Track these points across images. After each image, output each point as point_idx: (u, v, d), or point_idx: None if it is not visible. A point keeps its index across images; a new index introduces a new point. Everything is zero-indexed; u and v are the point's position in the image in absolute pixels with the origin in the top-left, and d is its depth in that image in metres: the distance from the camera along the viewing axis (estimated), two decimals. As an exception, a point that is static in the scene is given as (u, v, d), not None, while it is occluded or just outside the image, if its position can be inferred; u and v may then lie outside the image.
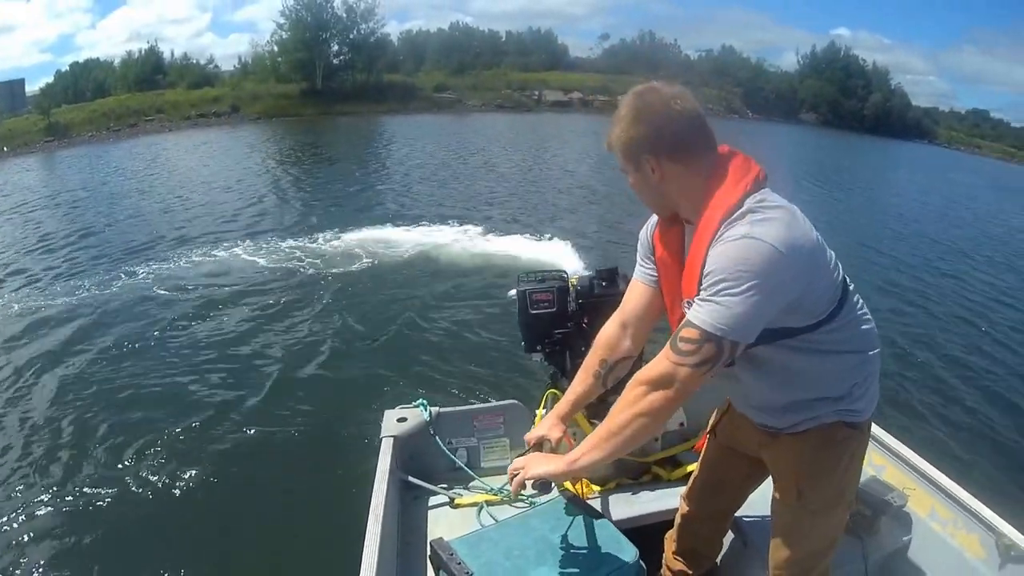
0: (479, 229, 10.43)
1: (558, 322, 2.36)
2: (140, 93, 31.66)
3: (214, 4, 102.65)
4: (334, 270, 8.32)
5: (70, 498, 3.96)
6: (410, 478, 2.26)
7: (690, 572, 2.04)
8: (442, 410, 2.40)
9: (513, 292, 2.48)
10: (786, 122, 54.55)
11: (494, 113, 37.74)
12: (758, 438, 1.66)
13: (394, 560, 1.94)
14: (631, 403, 1.36)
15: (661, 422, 1.39)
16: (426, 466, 2.35)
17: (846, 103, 59.12)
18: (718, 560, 2.13)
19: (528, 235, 10.05)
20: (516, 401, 2.50)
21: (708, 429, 1.93)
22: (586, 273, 2.47)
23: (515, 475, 1.51)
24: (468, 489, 2.31)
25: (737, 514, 2.04)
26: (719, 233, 1.30)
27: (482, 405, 2.51)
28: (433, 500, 2.24)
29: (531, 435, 1.75)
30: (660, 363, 1.34)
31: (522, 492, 1.59)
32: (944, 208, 18.70)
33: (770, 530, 1.72)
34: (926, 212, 17.25)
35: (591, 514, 1.69)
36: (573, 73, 50.71)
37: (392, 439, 2.24)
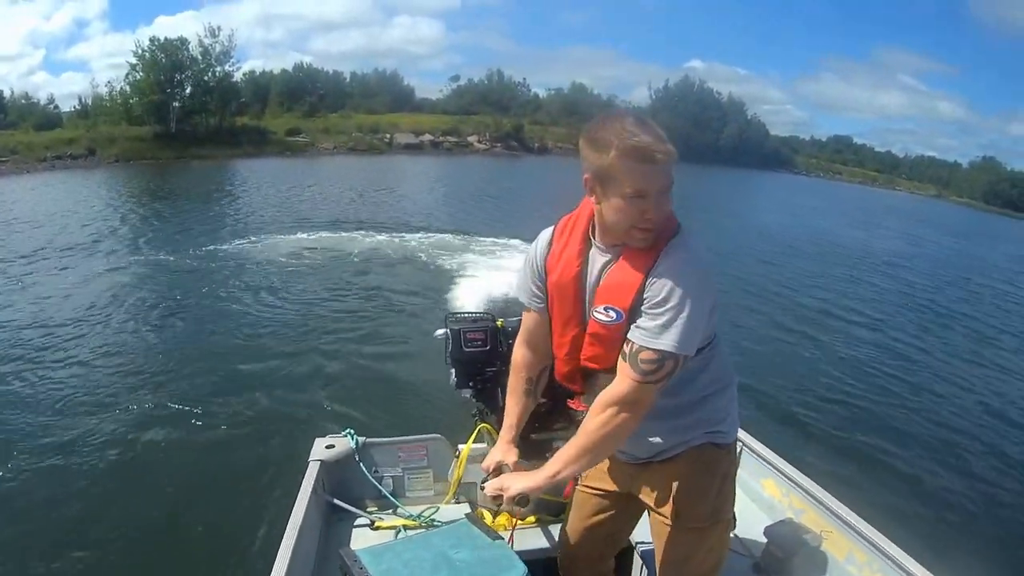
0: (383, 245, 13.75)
1: (489, 361, 2.88)
2: (-17, 135, 33.61)
3: (47, 41, 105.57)
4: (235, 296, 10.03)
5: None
6: (336, 501, 2.76)
7: None
8: (368, 440, 2.91)
9: (441, 332, 3.04)
10: (637, 158, 64.88)
11: (346, 156, 42.11)
12: (629, 471, 1.98)
13: (310, 569, 2.37)
14: (605, 423, 1.70)
15: (629, 435, 1.74)
16: (352, 492, 2.85)
17: (700, 136, 65.41)
18: None
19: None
20: (439, 435, 2.97)
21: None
22: (514, 318, 2.92)
23: (497, 494, 1.87)
24: (393, 515, 2.78)
25: (637, 549, 2.45)
26: (662, 256, 1.68)
27: (407, 438, 2.96)
28: (356, 522, 2.72)
29: (488, 463, 2.08)
30: (625, 384, 1.68)
31: (494, 507, 2.19)
32: (776, 228, 24.07)
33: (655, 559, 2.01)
34: (754, 233, 21.93)
35: (489, 535, 2.00)
36: (424, 115, 57.42)
37: (319, 463, 2.72)
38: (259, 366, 7.38)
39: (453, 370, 3.04)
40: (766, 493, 2.96)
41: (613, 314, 1.72)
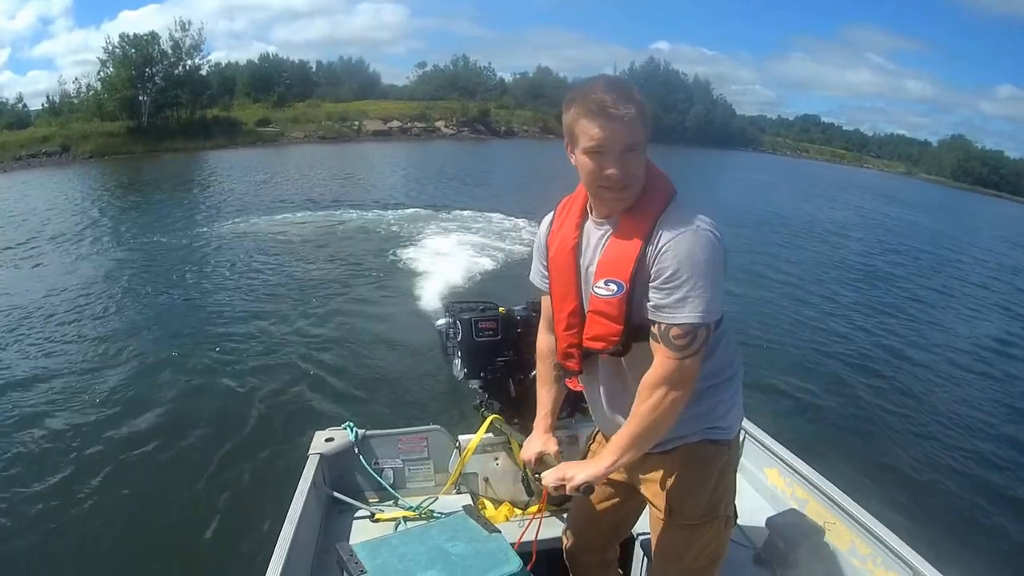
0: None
1: (501, 350, 2.92)
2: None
3: (12, 39, 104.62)
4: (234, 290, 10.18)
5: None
6: (335, 493, 2.86)
7: None
8: (368, 432, 3.01)
9: (442, 321, 3.11)
10: (604, 139, 66.21)
11: (317, 144, 43.00)
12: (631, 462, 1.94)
13: (308, 564, 2.46)
14: (655, 406, 1.73)
15: (679, 413, 1.76)
16: (352, 484, 2.96)
17: (666, 117, 67.59)
18: None
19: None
20: (438, 427, 3.06)
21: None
22: (517, 306, 3.05)
23: (559, 484, 1.89)
24: (393, 506, 2.90)
25: (644, 543, 2.46)
26: (662, 220, 1.69)
27: (407, 429, 3.06)
28: (356, 514, 2.82)
29: (528, 455, 2.11)
30: (666, 364, 1.70)
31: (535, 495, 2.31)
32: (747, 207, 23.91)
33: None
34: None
35: (487, 528, 2.06)
36: (391, 102, 58.81)
37: (318, 456, 2.83)
38: (253, 358, 7.53)
39: (458, 360, 3.04)
40: (769, 482, 3.00)
41: (614, 286, 1.75)
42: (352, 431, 3.01)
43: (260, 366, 7.29)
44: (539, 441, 2.12)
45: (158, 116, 40.26)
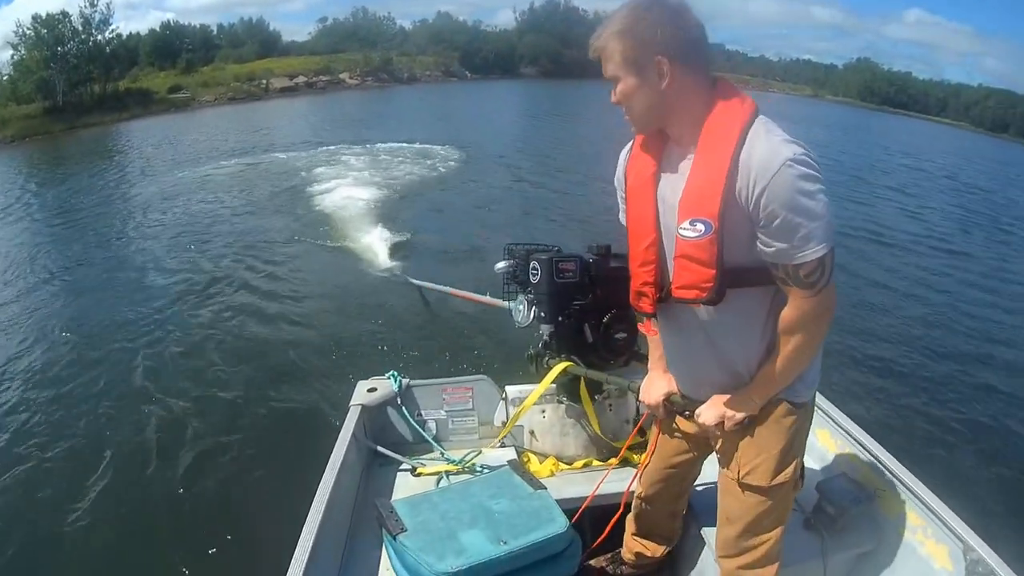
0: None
1: (579, 293, 2.79)
2: None
3: None
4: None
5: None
6: (378, 447, 2.81)
7: (647, 553, 2.48)
8: (412, 382, 2.94)
9: (502, 264, 2.99)
10: (506, 78, 66.03)
11: (227, 106, 44.20)
12: None
13: (348, 517, 2.42)
14: (801, 342, 1.72)
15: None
16: (395, 436, 2.91)
17: (570, 53, 70.77)
18: (676, 542, 2.55)
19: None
20: (484, 376, 3.00)
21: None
22: (582, 250, 2.90)
23: (719, 421, 1.87)
24: (436, 459, 2.81)
25: (695, 499, 2.48)
26: (746, 149, 1.55)
27: (451, 379, 3.00)
28: (399, 467, 2.77)
29: (654, 399, 2.10)
30: (803, 304, 1.66)
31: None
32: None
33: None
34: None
35: (532, 485, 2.08)
36: (295, 58, 61.00)
37: (360, 407, 2.79)
38: (290, 302, 7.74)
39: (523, 305, 2.93)
40: (819, 444, 2.94)
41: (701, 226, 1.62)
42: (396, 380, 2.99)
43: (297, 313, 7.51)
44: (663, 383, 2.12)
45: (72, 94, 40.86)
